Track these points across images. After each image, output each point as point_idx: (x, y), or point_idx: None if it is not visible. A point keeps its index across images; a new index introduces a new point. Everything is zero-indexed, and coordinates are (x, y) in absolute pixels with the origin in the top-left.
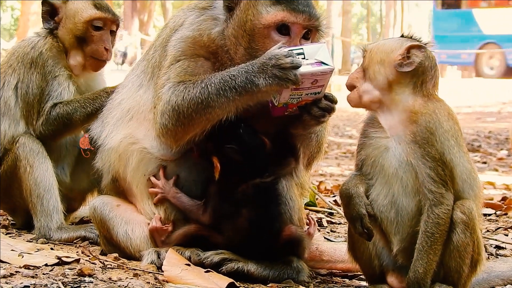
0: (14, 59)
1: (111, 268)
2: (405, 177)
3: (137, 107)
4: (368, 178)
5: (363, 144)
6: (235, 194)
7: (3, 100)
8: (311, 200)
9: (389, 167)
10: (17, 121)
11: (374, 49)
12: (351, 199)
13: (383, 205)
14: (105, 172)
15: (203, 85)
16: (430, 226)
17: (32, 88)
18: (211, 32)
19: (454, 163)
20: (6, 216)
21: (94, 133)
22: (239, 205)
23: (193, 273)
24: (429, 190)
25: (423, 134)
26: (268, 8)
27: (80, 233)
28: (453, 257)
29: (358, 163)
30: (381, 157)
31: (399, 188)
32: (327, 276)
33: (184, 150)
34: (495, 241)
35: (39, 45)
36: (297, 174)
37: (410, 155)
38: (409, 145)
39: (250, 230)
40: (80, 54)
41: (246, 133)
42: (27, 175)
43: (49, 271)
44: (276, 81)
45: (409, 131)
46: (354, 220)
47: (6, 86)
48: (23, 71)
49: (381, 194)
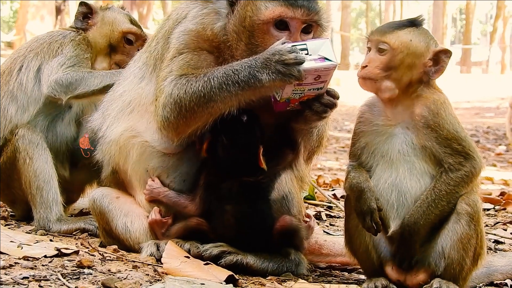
0: (37, 44)
1: (110, 260)
2: (411, 160)
3: (138, 99)
4: (367, 165)
5: (362, 132)
6: (224, 186)
7: (18, 82)
8: (310, 193)
9: (393, 152)
10: (25, 108)
11: (401, 48)
12: (363, 193)
13: (383, 189)
14: (105, 164)
15: (206, 79)
16: (440, 183)
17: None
18: (214, 26)
19: (468, 138)
20: (5, 207)
21: (94, 125)
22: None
23: (193, 265)
24: (447, 162)
25: (434, 118)
26: (266, 4)
27: (79, 225)
28: (456, 249)
29: (356, 152)
30: (385, 143)
31: (404, 172)
32: (326, 270)
33: (186, 144)
34: (494, 235)
35: (71, 36)
36: (297, 168)
37: (422, 139)
38: (420, 130)
39: (238, 224)
40: (107, 60)
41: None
42: (26, 166)
43: (48, 263)
44: (279, 77)
45: (419, 117)
46: (364, 214)
47: (25, 69)
48: (48, 55)
49: (382, 178)
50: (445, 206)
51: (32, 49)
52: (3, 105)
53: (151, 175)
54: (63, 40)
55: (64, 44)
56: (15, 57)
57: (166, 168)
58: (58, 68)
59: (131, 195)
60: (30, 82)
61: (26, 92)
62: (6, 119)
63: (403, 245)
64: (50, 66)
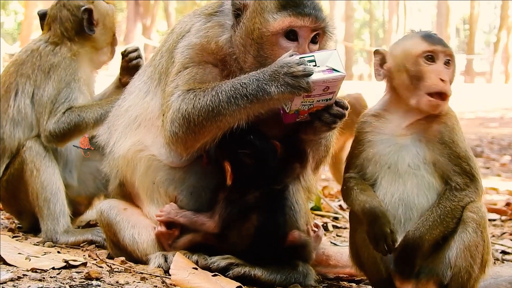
0: (28, 67)
1: (118, 272)
2: (420, 174)
3: (144, 114)
4: (371, 177)
5: (369, 142)
6: (246, 200)
7: (18, 108)
8: (317, 204)
9: (402, 165)
10: (30, 128)
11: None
12: (377, 219)
13: (390, 203)
14: (113, 177)
15: (214, 93)
16: (445, 200)
17: (48, 91)
18: (219, 39)
19: (474, 160)
20: (13, 219)
21: (101, 140)
22: (248, 211)
23: (201, 276)
24: (454, 181)
25: (450, 134)
26: (274, 15)
27: (87, 236)
28: (464, 257)
29: (359, 162)
30: (394, 154)
31: (412, 185)
32: (334, 281)
33: (193, 157)
34: (501, 246)
35: (62, 53)
36: (305, 178)
37: (434, 154)
38: (435, 144)
39: (256, 236)
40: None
41: (257, 138)
42: (33, 178)
43: (56, 275)
44: (288, 89)
45: (436, 132)
46: (378, 240)
47: (20, 95)
48: (40, 78)
49: (388, 192)
50: (449, 223)
51: (22, 73)
52: (8, 131)
53: (158, 187)
54: (53, 59)
55: (54, 66)
56: (7, 83)
57: (173, 181)
58: (52, 110)
59: (139, 206)
60: (28, 107)
61: (27, 117)
62: (15, 141)
63: (404, 257)
64: (43, 102)
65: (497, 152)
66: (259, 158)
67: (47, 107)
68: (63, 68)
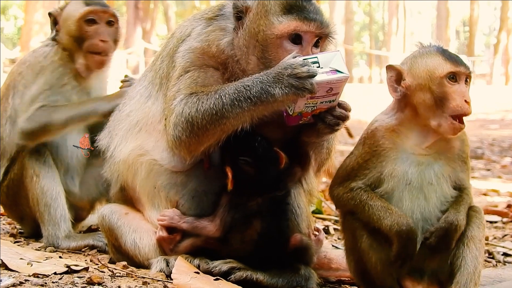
0: (24, 67)
1: (120, 276)
2: (442, 190)
3: (145, 118)
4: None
5: (387, 158)
6: (248, 205)
7: (14, 109)
8: (318, 208)
9: (423, 182)
10: None
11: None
12: (411, 241)
13: (413, 219)
14: (114, 182)
15: (217, 96)
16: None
17: (32, 90)
18: (220, 42)
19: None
20: (14, 224)
21: (101, 144)
22: (251, 216)
23: (202, 281)
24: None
25: (463, 147)
26: (279, 18)
27: (88, 241)
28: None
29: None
30: (415, 172)
31: (434, 201)
32: (336, 284)
33: (194, 161)
34: (503, 248)
35: (51, 55)
36: (307, 181)
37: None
38: (456, 162)
39: (259, 241)
40: (81, 54)
41: (261, 146)
42: (33, 184)
43: (58, 280)
44: (292, 91)
45: (456, 149)
46: (406, 259)
47: (15, 94)
48: (29, 78)
49: (409, 209)
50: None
51: (20, 72)
52: (7, 130)
53: (159, 192)
54: (44, 61)
55: (44, 68)
56: (8, 82)
57: (174, 185)
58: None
59: (140, 211)
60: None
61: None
62: (13, 140)
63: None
64: (23, 100)
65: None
66: (260, 167)
67: (25, 105)
68: (50, 71)
